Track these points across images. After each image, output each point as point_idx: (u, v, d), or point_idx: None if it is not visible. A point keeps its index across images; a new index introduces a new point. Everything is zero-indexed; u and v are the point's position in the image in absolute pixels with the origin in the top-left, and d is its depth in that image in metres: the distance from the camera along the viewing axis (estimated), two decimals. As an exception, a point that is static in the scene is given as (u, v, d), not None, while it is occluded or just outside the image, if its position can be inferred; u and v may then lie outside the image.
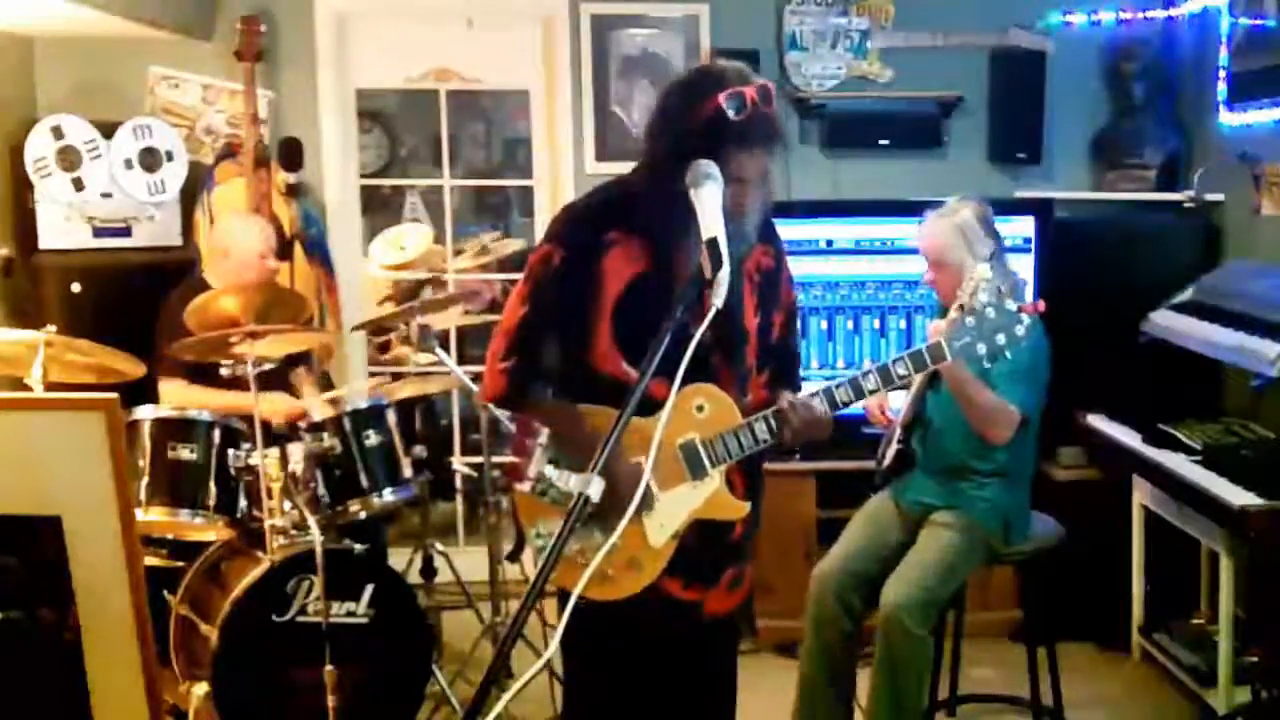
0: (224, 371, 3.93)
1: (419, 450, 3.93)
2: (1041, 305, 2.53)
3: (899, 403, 3.59)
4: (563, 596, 1.97)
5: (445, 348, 4.51)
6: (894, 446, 3.52)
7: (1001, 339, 2.39)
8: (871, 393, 2.44)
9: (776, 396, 2.48)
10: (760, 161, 2.30)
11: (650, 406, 2.02)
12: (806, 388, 2.51)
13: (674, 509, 2.40)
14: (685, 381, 1.96)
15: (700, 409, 2.38)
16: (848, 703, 3.49)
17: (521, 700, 3.59)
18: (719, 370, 2.39)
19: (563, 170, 5.07)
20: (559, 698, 3.27)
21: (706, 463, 2.40)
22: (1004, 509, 3.45)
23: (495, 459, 4.01)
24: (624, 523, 1.87)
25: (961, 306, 2.67)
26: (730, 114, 2.21)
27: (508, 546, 4.23)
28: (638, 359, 2.28)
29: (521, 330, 2.42)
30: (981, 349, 2.40)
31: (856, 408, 3.38)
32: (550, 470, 2.27)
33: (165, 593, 3.67)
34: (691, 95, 2.28)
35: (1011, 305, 2.39)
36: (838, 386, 2.43)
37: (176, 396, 3.91)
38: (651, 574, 2.40)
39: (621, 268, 2.37)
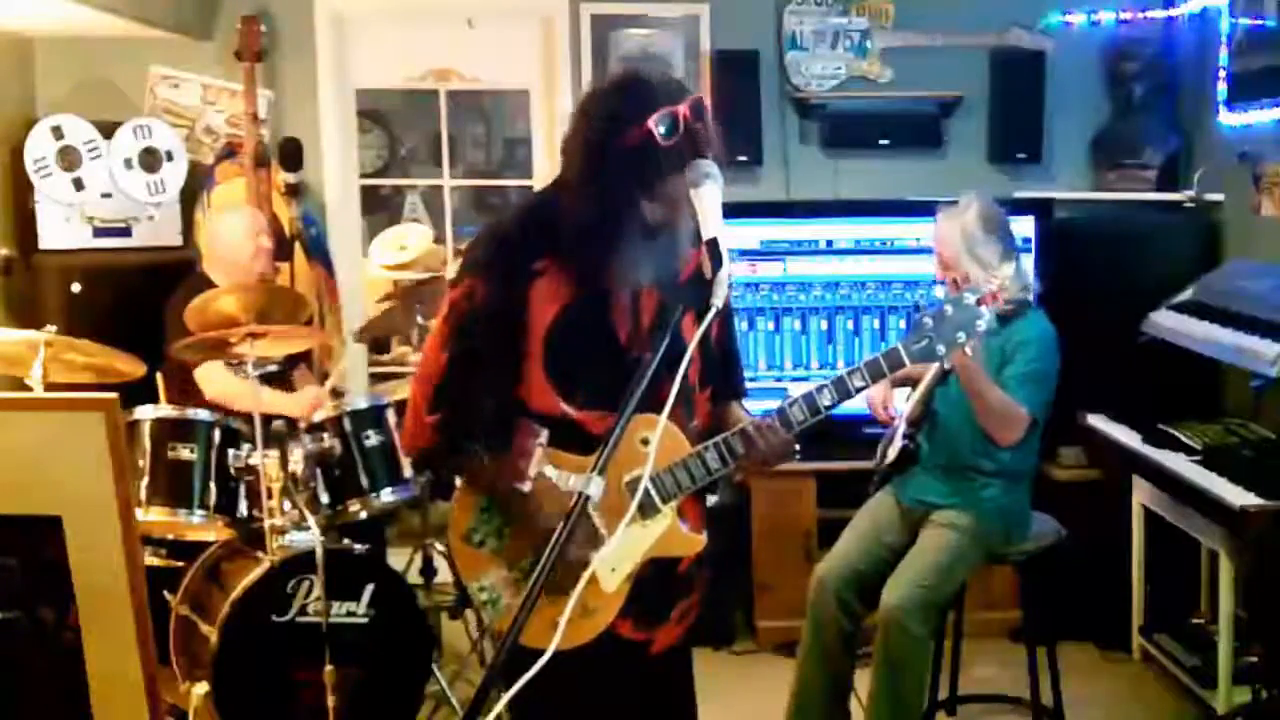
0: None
1: (419, 450, 3.92)
2: (1000, 298, 2.50)
3: (900, 401, 3.59)
4: (513, 648, 1.83)
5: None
6: (898, 443, 3.51)
7: (961, 336, 2.30)
8: (828, 409, 2.29)
9: (722, 414, 2.38)
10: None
11: (587, 442, 1.92)
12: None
13: (626, 550, 2.24)
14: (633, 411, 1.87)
15: (645, 442, 2.16)
16: (843, 704, 3.49)
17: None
18: (662, 394, 1.99)
19: (563, 170, 5.06)
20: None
21: (657, 500, 2.24)
22: (1006, 509, 3.45)
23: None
24: (583, 580, 1.81)
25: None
26: (660, 139, 2.04)
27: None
28: (572, 394, 2.22)
29: (449, 375, 2.22)
30: (941, 349, 2.31)
31: (861, 407, 3.40)
32: (550, 470, 2.22)
33: (165, 593, 3.67)
34: (619, 118, 2.09)
35: (970, 300, 2.31)
36: (791, 405, 2.27)
37: (219, 378, 3.90)
38: (605, 619, 2.27)
39: (550, 298, 2.20)
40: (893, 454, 3.53)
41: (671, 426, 2.21)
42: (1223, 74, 4.44)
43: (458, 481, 2.38)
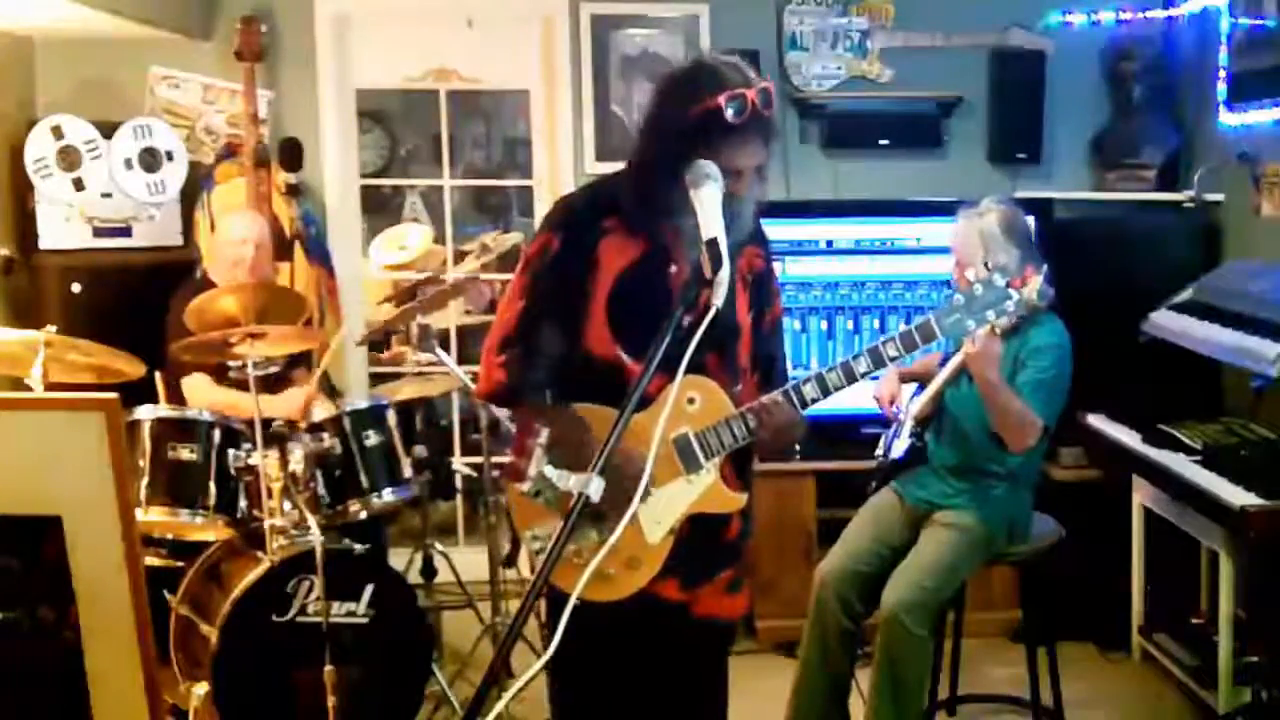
0: (232, 373, 3.94)
1: (419, 450, 3.93)
2: (1030, 284, 2.54)
3: (906, 398, 3.58)
4: (556, 598, 1.91)
5: (445, 348, 4.52)
6: (906, 440, 3.51)
7: (991, 315, 2.40)
8: (864, 375, 2.40)
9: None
10: (756, 154, 2.30)
11: (643, 402, 2.00)
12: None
13: (670, 504, 2.38)
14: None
15: (692, 401, 2.37)
16: (844, 703, 3.49)
17: (521, 700, 3.60)
18: (710, 363, 2.36)
19: (563, 170, 5.07)
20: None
21: (700, 456, 2.38)
22: (1010, 512, 3.45)
23: (495, 459, 4.01)
24: (623, 524, 1.86)
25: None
26: (729, 118, 2.20)
27: (506, 546, 4.25)
28: (632, 344, 2.33)
29: (521, 323, 2.41)
30: (971, 324, 2.41)
31: (862, 406, 3.41)
32: (550, 470, 2.25)
33: (165, 593, 3.67)
34: (689, 95, 2.25)
35: (1000, 281, 2.40)
36: (829, 371, 2.39)
37: (204, 391, 3.91)
38: (650, 571, 2.38)
39: (617, 255, 2.37)
40: (897, 449, 3.52)
41: (716, 389, 2.38)
42: (1223, 74, 4.44)
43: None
